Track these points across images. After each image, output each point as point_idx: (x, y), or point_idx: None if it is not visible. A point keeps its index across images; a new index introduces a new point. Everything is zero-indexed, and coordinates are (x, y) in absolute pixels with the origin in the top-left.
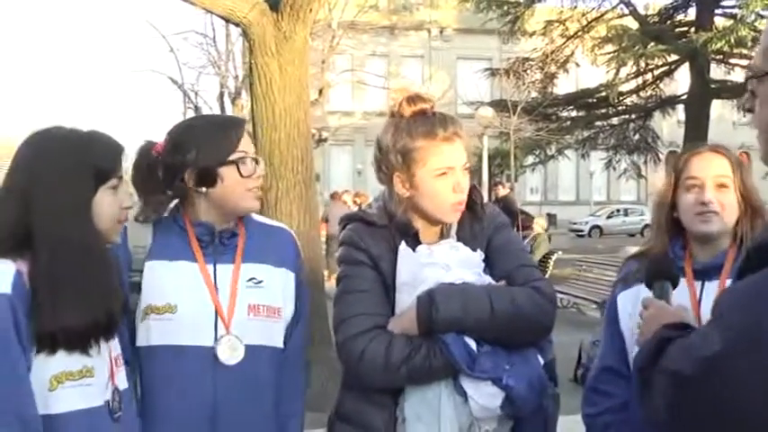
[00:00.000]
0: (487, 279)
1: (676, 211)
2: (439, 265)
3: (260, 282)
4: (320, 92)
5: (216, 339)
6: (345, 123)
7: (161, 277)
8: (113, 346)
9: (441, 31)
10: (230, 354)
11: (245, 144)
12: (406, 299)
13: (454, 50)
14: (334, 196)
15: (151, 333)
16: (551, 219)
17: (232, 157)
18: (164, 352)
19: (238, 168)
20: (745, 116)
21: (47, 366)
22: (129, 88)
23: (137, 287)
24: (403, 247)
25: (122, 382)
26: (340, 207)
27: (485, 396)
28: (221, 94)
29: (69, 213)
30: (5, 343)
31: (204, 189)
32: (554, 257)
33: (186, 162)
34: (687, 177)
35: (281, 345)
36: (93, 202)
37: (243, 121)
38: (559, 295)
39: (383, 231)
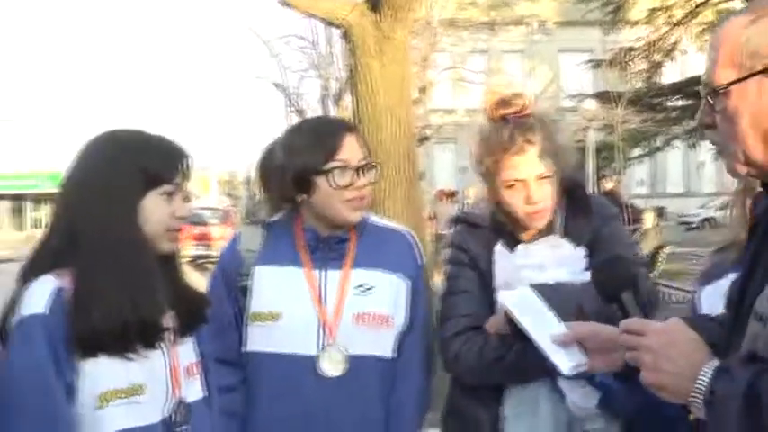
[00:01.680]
0: (585, 277)
1: None
2: (533, 265)
3: (369, 288)
4: (423, 90)
5: (319, 348)
6: (448, 121)
7: (268, 283)
8: (183, 355)
9: (541, 25)
10: (333, 365)
11: (348, 152)
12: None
13: (555, 43)
14: (439, 195)
15: (255, 339)
16: (660, 212)
17: (326, 167)
18: (266, 359)
19: (331, 178)
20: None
21: (94, 385)
22: (236, 95)
23: (244, 291)
24: (498, 248)
25: (193, 394)
26: (446, 205)
27: (580, 395)
28: (323, 97)
29: (114, 216)
30: (40, 368)
31: (303, 196)
32: (665, 252)
33: (286, 167)
34: None
35: (390, 354)
36: (141, 206)
37: (345, 128)
38: (672, 291)
39: (484, 232)
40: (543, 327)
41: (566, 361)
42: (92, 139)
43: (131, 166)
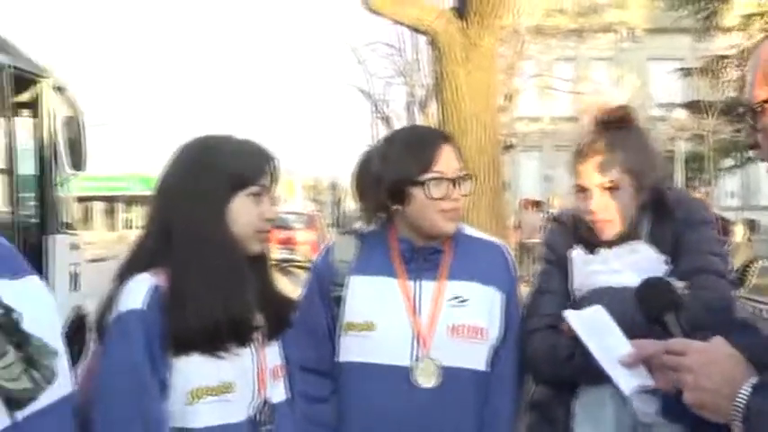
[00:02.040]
0: None
1: None
2: (608, 270)
3: (464, 300)
4: (509, 98)
5: (413, 360)
6: (533, 129)
7: (362, 293)
8: (270, 357)
9: (630, 32)
10: (426, 377)
11: (445, 163)
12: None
13: (644, 51)
14: (524, 204)
15: (349, 349)
16: (751, 225)
17: (422, 178)
18: (360, 369)
19: (427, 189)
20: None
21: (186, 381)
22: (323, 101)
23: (338, 301)
24: (576, 252)
25: (277, 395)
26: (531, 214)
27: (640, 400)
28: (409, 104)
29: (203, 217)
30: (136, 361)
31: (398, 206)
32: (757, 266)
33: (381, 176)
34: None
35: (484, 368)
36: (229, 208)
37: (443, 138)
38: (763, 306)
39: (574, 233)
40: (609, 346)
41: (629, 381)
42: (183, 144)
43: (219, 168)
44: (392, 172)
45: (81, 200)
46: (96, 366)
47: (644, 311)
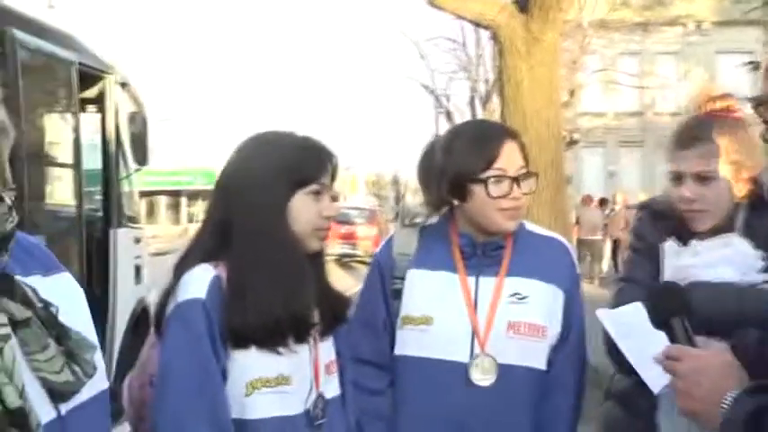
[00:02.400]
0: (756, 279)
1: None
2: (699, 264)
3: (524, 297)
4: (572, 93)
5: (470, 356)
6: (597, 124)
7: (421, 287)
8: (324, 353)
9: (697, 25)
10: (482, 375)
11: (507, 160)
12: None
13: (712, 44)
14: (585, 200)
15: (406, 343)
16: None
17: (483, 175)
18: (417, 364)
19: (487, 187)
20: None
21: (243, 372)
22: (385, 96)
23: (397, 294)
24: (668, 244)
25: (331, 390)
26: (590, 211)
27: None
28: (472, 98)
29: (264, 214)
30: (199, 348)
31: (457, 201)
32: None
33: (444, 169)
34: None
35: (542, 367)
36: (290, 205)
37: (507, 135)
38: None
39: (666, 222)
40: (642, 344)
41: (657, 380)
42: (244, 141)
43: (279, 166)
44: (454, 166)
45: (145, 194)
46: (151, 357)
47: (651, 315)
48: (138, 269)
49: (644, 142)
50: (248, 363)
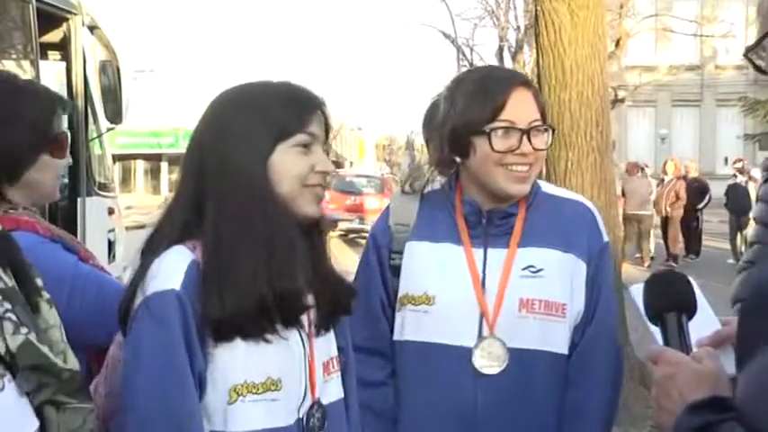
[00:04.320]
0: None
1: None
2: None
3: (539, 271)
4: (617, 43)
5: (478, 339)
6: (646, 80)
7: (421, 262)
8: (321, 350)
9: None
10: (488, 361)
11: (517, 110)
12: None
13: None
14: (630, 168)
15: (405, 326)
16: None
17: (487, 127)
18: (417, 349)
19: (490, 140)
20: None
21: (226, 376)
22: (398, 47)
23: (396, 271)
24: None
25: (330, 394)
26: (638, 181)
27: None
28: (500, 49)
29: (240, 175)
30: (170, 350)
31: (459, 159)
32: None
33: (445, 122)
34: None
35: (563, 350)
36: (271, 162)
37: (518, 81)
38: None
39: None
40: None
41: None
42: (218, 95)
43: (255, 118)
44: (456, 118)
45: (119, 158)
46: (118, 358)
47: (645, 306)
48: (111, 244)
49: (702, 101)
50: (232, 363)
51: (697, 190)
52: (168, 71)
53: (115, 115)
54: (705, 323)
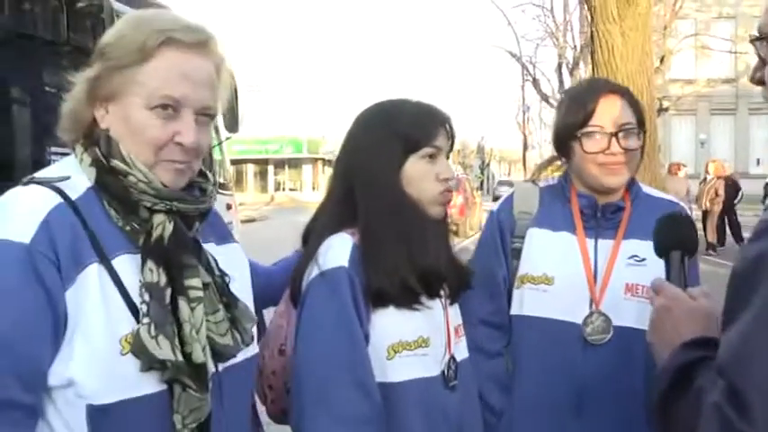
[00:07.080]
0: None
1: None
2: None
3: (642, 260)
4: (662, 59)
5: (586, 316)
6: (687, 92)
7: (541, 247)
8: (453, 316)
9: None
10: (596, 334)
11: (605, 115)
12: None
13: None
14: (671, 168)
15: (524, 302)
16: None
17: (579, 132)
18: (534, 323)
19: (581, 144)
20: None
21: (384, 336)
22: (470, 64)
23: (517, 253)
24: None
25: (461, 352)
26: (678, 181)
27: None
28: (559, 65)
29: (380, 180)
30: (345, 314)
31: (564, 159)
32: None
33: (553, 128)
34: None
35: None
36: (404, 170)
37: (605, 90)
38: None
39: None
40: None
41: None
42: (361, 111)
43: (391, 131)
44: (558, 124)
45: (234, 162)
46: (278, 328)
47: (654, 243)
48: None
49: (737, 110)
50: (389, 326)
51: (732, 187)
52: (273, 89)
53: (232, 126)
54: None
